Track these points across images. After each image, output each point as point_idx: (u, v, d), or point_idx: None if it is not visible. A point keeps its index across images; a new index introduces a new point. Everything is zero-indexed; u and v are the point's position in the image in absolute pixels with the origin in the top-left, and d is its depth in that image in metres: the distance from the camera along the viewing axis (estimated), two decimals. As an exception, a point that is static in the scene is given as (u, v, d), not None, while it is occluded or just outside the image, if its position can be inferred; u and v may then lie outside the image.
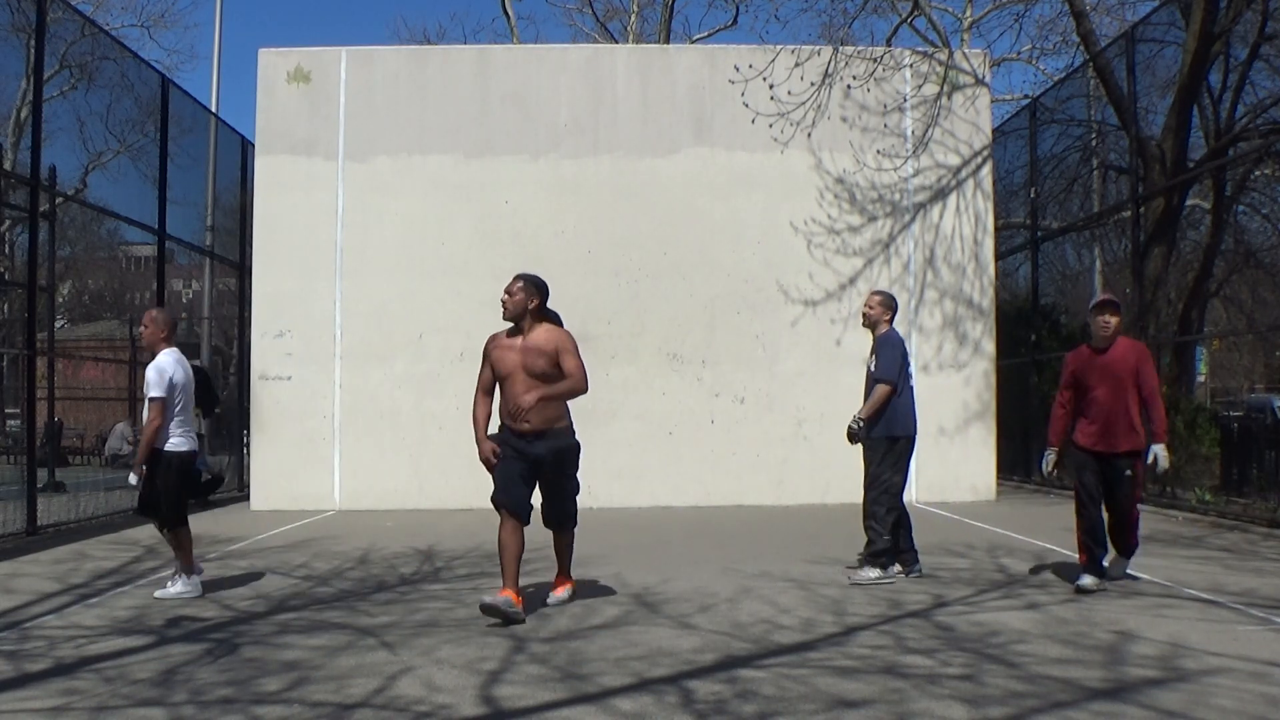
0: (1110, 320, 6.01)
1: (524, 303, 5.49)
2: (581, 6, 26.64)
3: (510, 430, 5.46)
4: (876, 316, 6.65)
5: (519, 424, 5.39)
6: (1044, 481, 13.46)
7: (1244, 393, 28.80)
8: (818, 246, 12.01)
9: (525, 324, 5.50)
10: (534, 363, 5.39)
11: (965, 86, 12.26)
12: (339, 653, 4.62)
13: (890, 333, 6.64)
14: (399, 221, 11.86)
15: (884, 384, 6.39)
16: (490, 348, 5.58)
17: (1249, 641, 4.69)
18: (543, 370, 5.38)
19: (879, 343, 6.57)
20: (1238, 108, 11.94)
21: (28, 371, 9.85)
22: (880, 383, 6.40)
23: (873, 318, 6.66)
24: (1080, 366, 6.12)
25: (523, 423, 5.37)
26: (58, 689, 4.03)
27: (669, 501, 11.55)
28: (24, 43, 10.22)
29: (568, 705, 3.79)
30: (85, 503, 10.76)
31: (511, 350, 5.47)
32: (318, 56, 12.10)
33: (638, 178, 11.99)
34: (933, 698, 3.83)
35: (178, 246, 13.99)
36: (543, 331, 5.50)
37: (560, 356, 5.44)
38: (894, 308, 6.75)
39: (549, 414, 5.45)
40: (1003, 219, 14.99)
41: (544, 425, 5.45)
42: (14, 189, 12.38)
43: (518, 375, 5.41)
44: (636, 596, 5.98)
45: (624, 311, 11.83)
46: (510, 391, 5.44)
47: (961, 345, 11.97)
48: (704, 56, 12.60)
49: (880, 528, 6.38)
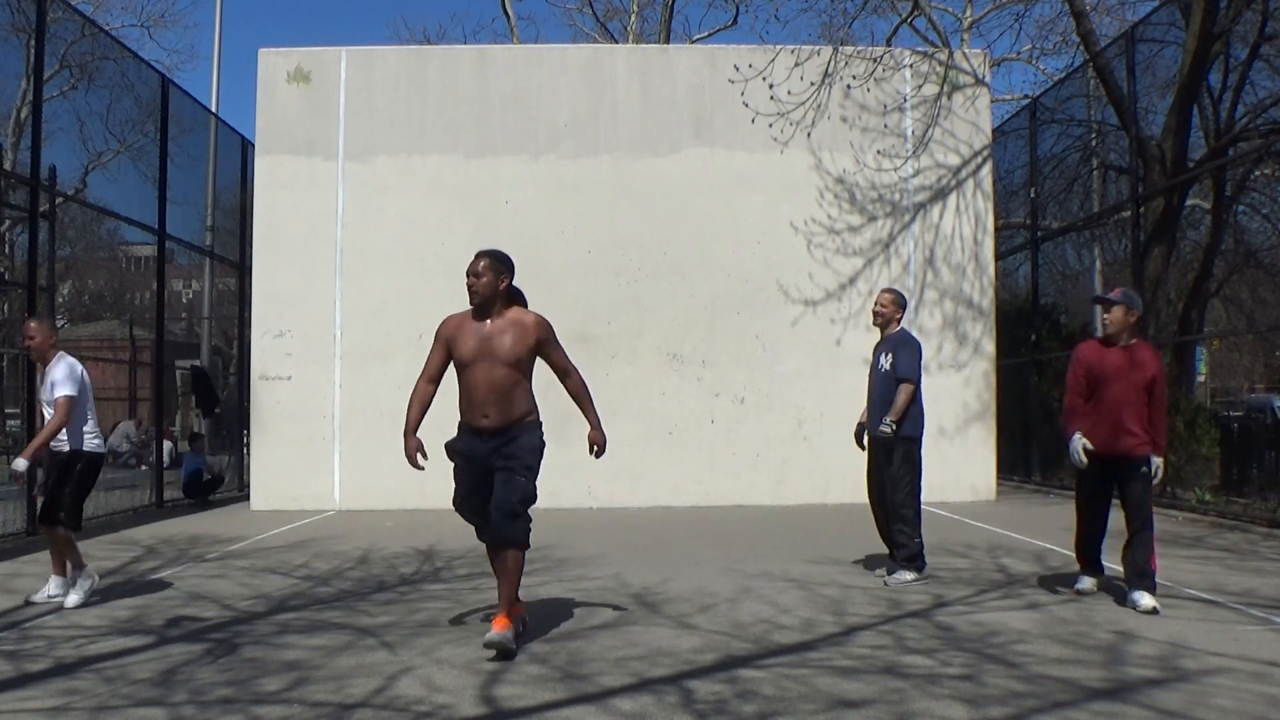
0: (1107, 317, 5.78)
1: (494, 283, 4.80)
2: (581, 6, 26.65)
3: (468, 427, 4.81)
4: (889, 315, 6.60)
5: (477, 418, 4.74)
6: (1044, 481, 13.47)
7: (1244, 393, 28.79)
8: (818, 246, 12.01)
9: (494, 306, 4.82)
10: (503, 349, 4.72)
11: (965, 86, 12.27)
12: (339, 653, 4.62)
13: (905, 331, 6.61)
14: (399, 221, 11.86)
15: (908, 383, 6.34)
16: (447, 330, 4.86)
17: (1249, 641, 4.69)
18: (513, 358, 4.73)
19: (896, 342, 6.51)
20: (1238, 108, 11.93)
21: (28, 371, 9.84)
22: (904, 382, 6.34)
23: (885, 316, 6.61)
24: (1093, 362, 5.76)
25: (481, 418, 4.73)
26: (58, 689, 4.03)
27: (669, 501, 11.55)
28: (24, 43, 10.22)
29: (568, 705, 3.80)
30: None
31: (475, 334, 4.76)
32: (318, 56, 12.10)
33: (638, 178, 11.99)
34: (933, 698, 3.83)
35: (178, 246, 13.99)
36: (514, 315, 4.82)
37: (545, 350, 4.84)
38: (905, 305, 6.73)
39: (515, 408, 4.76)
40: (1003, 219, 14.99)
41: (507, 421, 4.75)
42: (14, 189, 12.37)
43: (482, 363, 4.71)
44: (636, 596, 5.98)
45: (624, 311, 11.83)
46: (471, 381, 4.73)
47: (961, 345, 11.98)
48: (704, 56, 12.60)
49: (911, 530, 6.37)
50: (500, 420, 4.73)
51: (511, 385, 4.75)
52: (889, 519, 6.50)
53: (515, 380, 4.76)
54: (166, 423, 17.36)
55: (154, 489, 11.88)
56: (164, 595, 6.14)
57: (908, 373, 6.36)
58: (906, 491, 6.40)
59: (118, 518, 10.46)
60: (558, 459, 11.35)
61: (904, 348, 6.45)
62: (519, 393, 4.78)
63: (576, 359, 5.19)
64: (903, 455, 6.39)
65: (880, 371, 6.52)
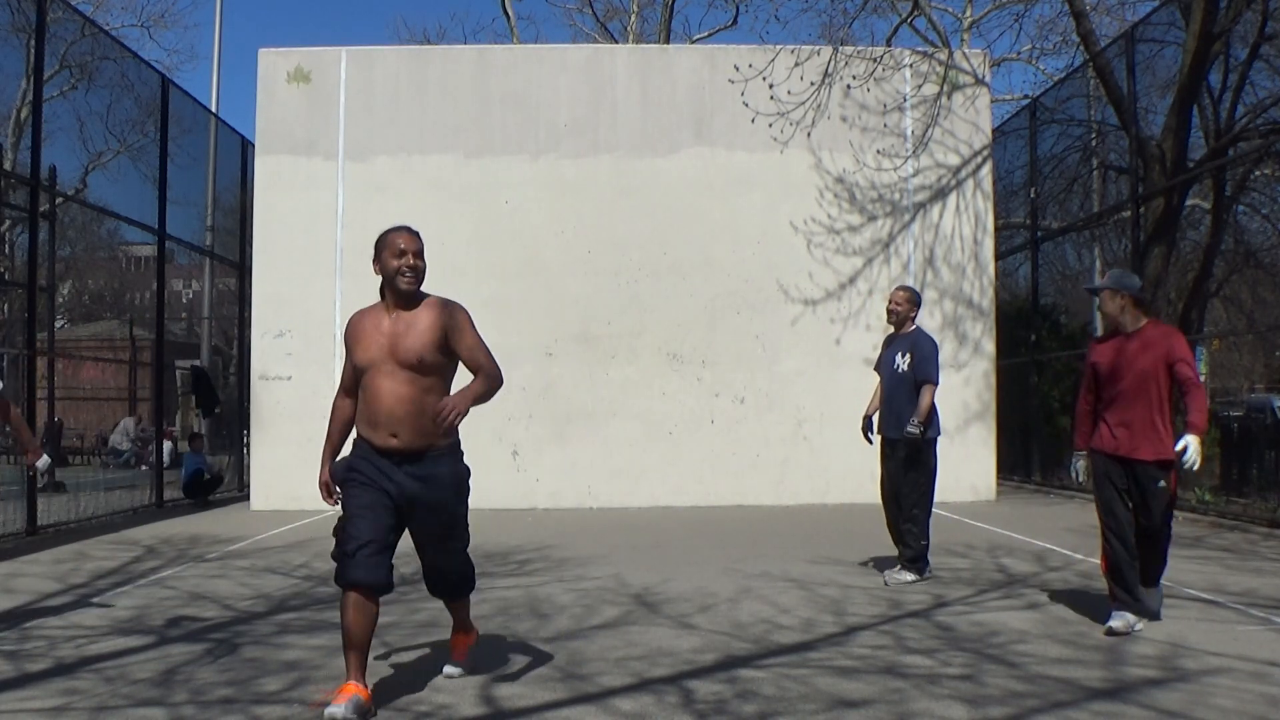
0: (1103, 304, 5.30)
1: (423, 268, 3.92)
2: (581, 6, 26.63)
3: (371, 446, 3.78)
4: (904, 313, 6.55)
5: (383, 438, 3.73)
6: (1044, 481, 13.48)
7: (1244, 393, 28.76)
8: (817, 246, 12.01)
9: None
10: (409, 348, 3.73)
11: (965, 86, 12.27)
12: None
13: (922, 330, 6.58)
14: (399, 221, 11.82)
15: (930, 384, 6.32)
16: (351, 332, 3.93)
17: (1249, 641, 4.69)
18: (420, 360, 3.72)
19: (913, 342, 6.47)
20: (1238, 108, 11.92)
21: (28, 371, 9.85)
22: (926, 383, 6.32)
23: (900, 314, 6.56)
24: (1097, 357, 5.24)
25: (389, 437, 3.71)
26: (58, 689, 4.02)
27: (669, 501, 11.54)
28: (24, 43, 10.22)
29: (568, 705, 3.79)
30: (85, 503, 10.76)
31: (377, 332, 3.81)
32: (318, 56, 12.10)
33: (638, 178, 11.99)
34: (933, 698, 3.83)
35: (178, 246, 14.00)
36: (425, 307, 3.86)
37: (454, 339, 3.80)
38: (920, 304, 6.71)
39: (429, 426, 3.70)
40: (1003, 219, 14.99)
41: (422, 442, 3.73)
42: (14, 189, 12.38)
43: (383, 367, 3.74)
44: (636, 596, 5.98)
45: (624, 311, 11.82)
46: (372, 390, 3.75)
47: (961, 345, 11.98)
48: (704, 56, 12.60)
49: (918, 530, 6.36)
50: (412, 441, 3.72)
51: (423, 395, 3.72)
52: (899, 519, 6.48)
53: (427, 388, 3.73)
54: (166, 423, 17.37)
55: (154, 489, 11.88)
56: (164, 595, 6.14)
57: (929, 374, 6.33)
58: (920, 493, 6.40)
59: (118, 518, 10.46)
60: (558, 459, 11.53)
61: (922, 347, 6.41)
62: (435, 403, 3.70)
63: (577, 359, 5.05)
64: (914, 456, 6.38)
65: (896, 371, 6.46)
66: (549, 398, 11.49)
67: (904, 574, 6.34)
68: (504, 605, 5.70)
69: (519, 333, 11.45)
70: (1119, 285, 5.19)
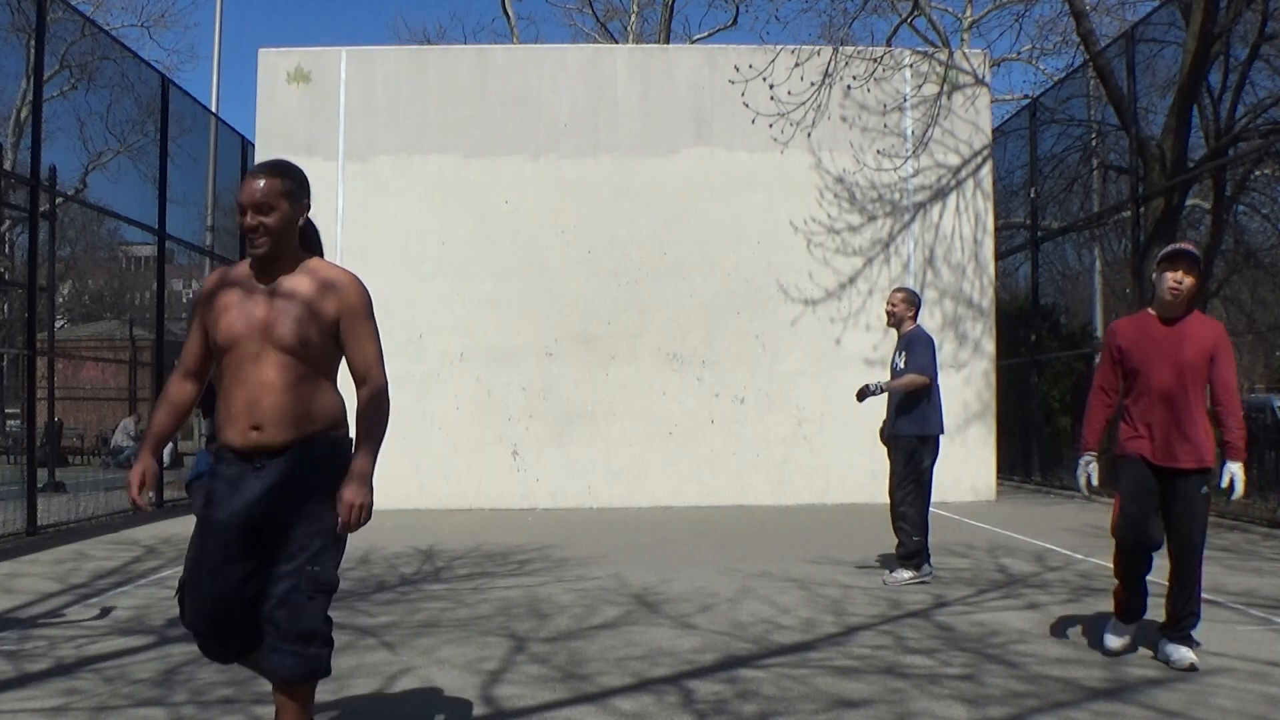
0: (1183, 280, 4.24)
1: (291, 217, 2.92)
2: (581, 6, 26.65)
3: (231, 450, 2.89)
4: (901, 314, 6.57)
5: (242, 433, 2.86)
6: (1044, 481, 13.47)
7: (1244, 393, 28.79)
8: (817, 246, 12.01)
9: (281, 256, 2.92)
10: (286, 325, 2.86)
11: (965, 86, 12.27)
12: (339, 653, 4.60)
13: (919, 329, 6.58)
14: (399, 221, 11.86)
15: (918, 371, 6.29)
16: (210, 298, 2.96)
17: (1249, 641, 4.69)
18: (302, 340, 2.86)
19: (909, 340, 6.48)
20: (1238, 108, 11.92)
21: (28, 371, 9.84)
22: (915, 371, 6.31)
23: (898, 316, 6.57)
24: (1132, 342, 4.35)
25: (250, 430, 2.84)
26: (58, 689, 4.02)
27: (669, 501, 11.55)
28: (24, 43, 10.23)
29: (568, 705, 3.79)
30: (85, 503, 10.76)
31: (243, 301, 2.90)
32: (318, 56, 12.11)
33: (638, 178, 11.99)
34: (933, 698, 3.83)
35: (178, 246, 13.99)
36: (310, 272, 2.95)
37: (347, 326, 2.94)
38: (918, 304, 6.70)
39: (309, 415, 2.88)
40: (1003, 219, 15.00)
41: (295, 433, 2.86)
42: (14, 189, 12.37)
43: (250, 348, 2.86)
44: (636, 596, 5.98)
45: (624, 311, 11.82)
46: (239, 375, 2.88)
47: (961, 345, 11.98)
48: (704, 56, 12.60)
49: (911, 528, 6.36)
50: (282, 434, 2.85)
51: (298, 381, 2.87)
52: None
53: (303, 374, 2.88)
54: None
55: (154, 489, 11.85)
56: (164, 595, 6.13)
57: (921, 364, 6.32)
58: (906, 489, 6.41)
59: (118, 518, 10.46)
60: (558, 459, 11.53)
61: (917, 345, 6.42)
62: (316, 394, 2.91)
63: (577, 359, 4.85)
64: (906, 453, 6.41)
65: (896, 371, 6.50)
66: (549, 398, 11.49)
67: (900, 571, 6.36)
68: (504, 605, 5.70)
69: (519, 333, 11.47)
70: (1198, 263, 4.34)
